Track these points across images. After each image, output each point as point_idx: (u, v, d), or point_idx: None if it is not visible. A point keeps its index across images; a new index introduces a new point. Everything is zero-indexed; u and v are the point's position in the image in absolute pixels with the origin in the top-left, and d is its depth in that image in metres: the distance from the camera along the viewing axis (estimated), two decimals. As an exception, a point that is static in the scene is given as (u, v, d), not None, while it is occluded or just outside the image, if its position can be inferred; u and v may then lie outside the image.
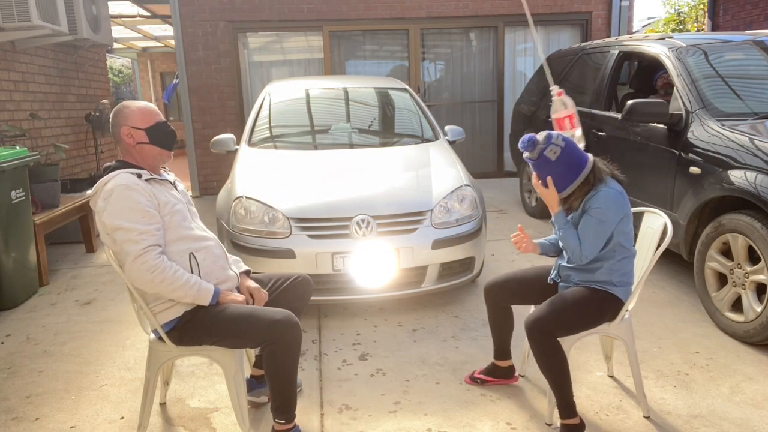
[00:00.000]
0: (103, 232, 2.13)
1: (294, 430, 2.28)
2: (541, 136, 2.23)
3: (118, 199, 2.08)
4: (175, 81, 11.27)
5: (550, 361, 2.21)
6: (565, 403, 2.25)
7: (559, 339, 2.25)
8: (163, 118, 2.29)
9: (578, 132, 2.50)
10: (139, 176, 2.16)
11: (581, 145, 2.41)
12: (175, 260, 2.16)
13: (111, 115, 2.26)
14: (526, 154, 2.27)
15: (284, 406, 2.24)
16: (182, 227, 2.22)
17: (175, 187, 2.34)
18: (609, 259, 2.30)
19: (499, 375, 2.72)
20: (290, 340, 2.14)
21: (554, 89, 2.48)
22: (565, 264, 2.41)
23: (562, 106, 2.46)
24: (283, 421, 2.25)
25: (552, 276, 2.49)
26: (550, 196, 2.30)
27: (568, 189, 2.28)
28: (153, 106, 2.30)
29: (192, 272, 2.20)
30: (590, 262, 2.31)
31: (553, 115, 2.48)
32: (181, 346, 2.24)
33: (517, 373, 2.77)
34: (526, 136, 2.25)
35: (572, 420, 2.25)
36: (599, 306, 2.30)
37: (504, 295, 2.57)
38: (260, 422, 2.49)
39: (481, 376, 2.73)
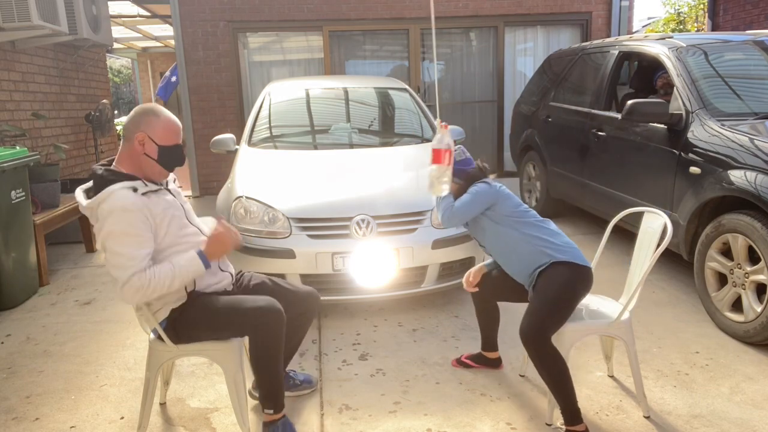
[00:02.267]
0: (100, 246, 2.12)
1: (283, 421, 2.28)
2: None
3: (115, 221, 2.02)
4: (173, 79, 11.15)
5: (551, 369, 2.21)
6: (570, 410, 2.24)
7: (557, 340, 2.25)
8: (181, 140, 2.23)
9: (449, 172, 2.43)
10: (135, 189, 2.08)
11: (446, 184, 2.49)
12: None
13: (135, 111, 2.18)
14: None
15: (270, 394, 2.25)
16: (179, 234, 2.19)
17: (168, 189, 2.28)
18: (522, 239, 2.40)
19: (486, 364, 2.86)
20: (273, 326, 2.15)
21: (438, 121, 2.47)
22: (507, 268, 2.50)
23: (447, 140, 2.41)
24: (271, 411, 2.27)
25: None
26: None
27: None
28: (178, 124, 2.23)
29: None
30: (512, 252, 2.43)
31: (433, 146, 2.43)
32: (180, 345, 2.24)
33: (518, 374, 2.78)
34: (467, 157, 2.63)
35: (578, 427, 2.24)
36: (562, 284, 2.29)
37: (488, 292, 2.69)
38: (260, 422, 2.48)
39: (468, 361, 2.88)
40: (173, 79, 11.15)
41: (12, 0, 4.61)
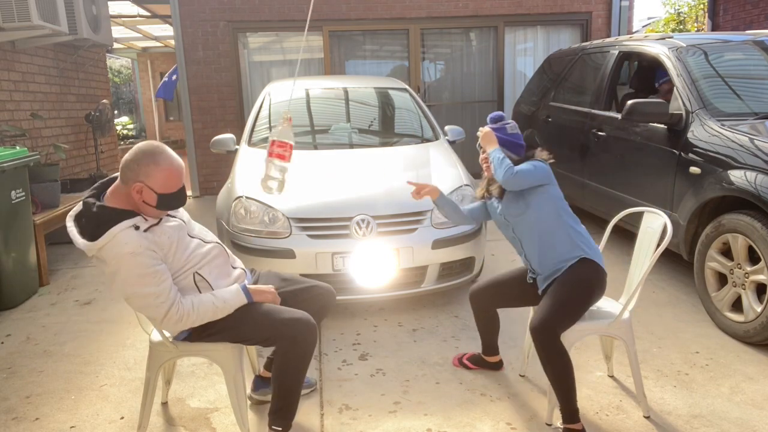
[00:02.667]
0: (118, 293, 2.06)
1: None
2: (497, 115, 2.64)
3: (128, 268, 1.96)
4: (174, 78, 11.14)
5: (556, 365, 2.21)
6: (570, 409, 2.24)
7: (561, 337, 2.25)
8: (182, 182, 2.08)
9: (287, 165, 2.46)
10: (137, 227, 1.99)
11: (280, 178, 2.53)
12: (182, 286, 2.13)
13: (135, 154, 2.01)
14: (493, 126, 2.58)
15: (284, 410, 2.20)
16: (185, 255, 2.14)
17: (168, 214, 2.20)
18: (562, 227, 2.41)
19: (486, 367, 2.86)
20: (308, 340, 2.13)
21: (286, 114, 2.47)
22: (534, 257, 2.47)
23: (290, 134, 2.46)
24: (280, 429, 2.20)
25: (529, 275, 2.56)
26: (490, 136, 2.53)
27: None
28: (180, 168, 2.08)
29: (200, 289, 2.16)
30: (548, 237, 2.40)
31: (275, 138, 2.44)
32: (181, 345, 2.24)
33: (518, 374, 2.78)
34: (495, 113, 2.65)
35: (575, 425, 2.25)
36: (584, 280, 2.33)
37: (487, 300, 2.68)
38: (260, 422, 2.49)
39: (468, 363, 2.88)
40: (174, 77, 11.13)
41: (12, 0, 4.61)
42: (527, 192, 2.46)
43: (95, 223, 1.99)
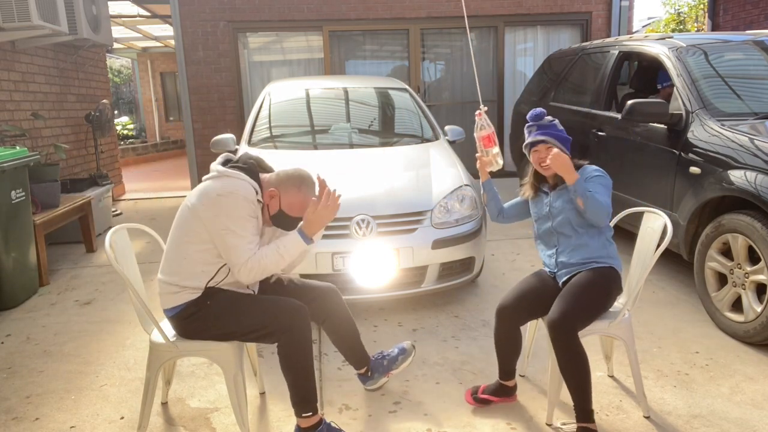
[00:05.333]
0: (207, 219, 2.12)
1: (323, 424, 2.24)
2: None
3: (238, 207, 2.11)
4: None
5: (576, 363, 2.16)
6: (586, 408, 2.20)
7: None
8: (303, 215, 2.22)
9: (496, 149, 2.63)
10: (257, 193, 2.20)
11: (499, 163, 2.63)
12: (209, 260, 2.20)
13: (289, 172, 2.25)
14: (535, 124, 2.46)
15: (304, 398, 2.20)
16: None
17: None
18: (603, 232, 2.42)
19: (503, 394, 2.57)
20: (302, 327, 2.16)
21: (481, 109, 2.63)
22: (565, 251, 2.43)
23: (486, 125, 2.61)
24: (310, 413, 2.21)
25: (551, 269, 2.50)
26: (567, 162, 2.34)
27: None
28: (309, 202, 2.21)
29: (216, 273, 2.22)
30: (589, 236, 2.39)
31: (477, 134, 2.63)
32: (181, 345, 2.24)
33: (518, 373, 2.77)
34: (536, 109, 2.49)
35: (591, 425, 2.21)
36: (606, 284, 2.33)
37: (519, 315, 2.44)
38: (260, 422, 2.49)
39: (485, 396, 2.56)
40: None
41: (12, 0, 4.61)
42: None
43: (240, 168, 2.21)
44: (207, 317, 2.20)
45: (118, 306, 3.87)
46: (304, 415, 2.22)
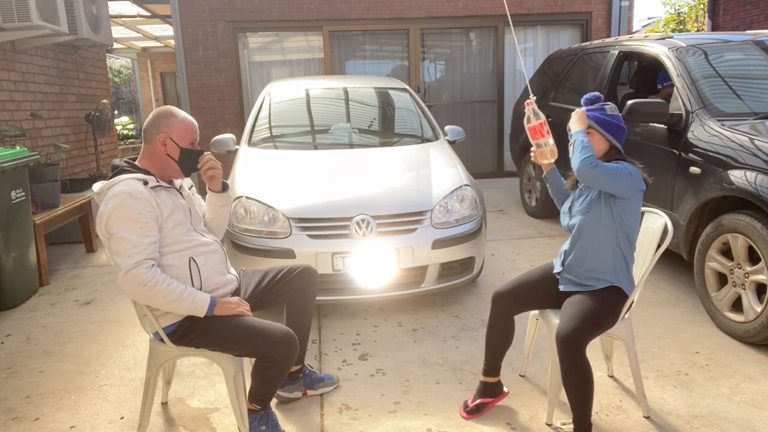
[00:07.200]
0: (102, 235, 2.11)
1: (268, 412, 2.33)
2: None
3: (120, 206, 2.03)
4: None
5: (581, 377, 2.12)
6: (585, 423, 2.17)
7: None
8: (197, 139, 2.28)
9: (551, 140, 2.50)
10: (145, 183, 2.11)
11: (554, 158, 2.54)
12: (174, 264, 2.15)
13: (155, 114, 2.23)
14: (589, 107, 2.37)
15: (263, 398, 2.29)
16: (184, 235, 2.19)
17: (181, 193, 2.30)
18: (613, 250, 2.28)
19: (489, 394, 2.52)
20: (285, 360, 2.15)
21: (530, 100, 2.52)
22: (576, 253, 2.35)
23: (534, 116, 2.49)
24: (259, 407, 2.31)
25: (556, 269, 2.45)
26: (581, 116, 2.31)
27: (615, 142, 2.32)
28: (195, 123, 2.29)
29: (192, 277, 2.18)
30: (596, 249, 2.28)
31: (527, 125, 2.51)
32: (181, 347, 2.24)
33: (518, 374, 2.77)
34: (592, 93, 2.42)
35: None
36: (613, 303, 2.27)
37: (514, 303, 2.44)
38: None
39: (475, 403, 2.50)
40: None
41: (12, 0, 4.61)
42: (604, 196, 2.27)
43: (114, 174, 2.16)
44: (200, 337, 2.19)
45: (118, 306, 3.87)
46: (254, 404, 2.30)
